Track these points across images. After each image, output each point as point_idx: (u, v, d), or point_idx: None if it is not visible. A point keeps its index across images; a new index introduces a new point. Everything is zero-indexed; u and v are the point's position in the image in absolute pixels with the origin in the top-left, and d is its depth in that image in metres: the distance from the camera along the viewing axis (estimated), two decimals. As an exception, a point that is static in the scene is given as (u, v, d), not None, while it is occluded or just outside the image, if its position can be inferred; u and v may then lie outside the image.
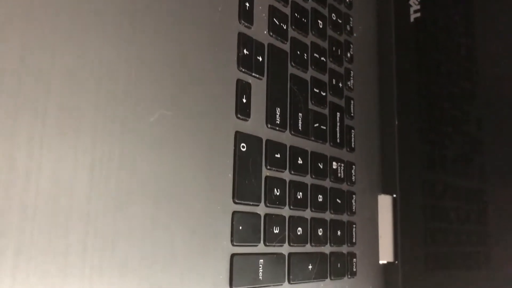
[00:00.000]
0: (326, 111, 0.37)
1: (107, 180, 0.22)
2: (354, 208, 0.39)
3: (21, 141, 0.19)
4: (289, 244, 0.31)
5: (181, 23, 0.26)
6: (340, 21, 0.41)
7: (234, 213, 0.28)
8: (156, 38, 0.25)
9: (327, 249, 0.35)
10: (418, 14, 0.46)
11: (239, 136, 0.29)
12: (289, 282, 0.31)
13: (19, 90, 0.19)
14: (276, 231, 0.30)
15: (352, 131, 0.40)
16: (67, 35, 0.21)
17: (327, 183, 0.36)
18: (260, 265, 0.29)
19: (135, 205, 0.23)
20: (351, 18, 0.42)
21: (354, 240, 0.38)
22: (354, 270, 0.38)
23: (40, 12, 0.20)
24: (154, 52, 0.25)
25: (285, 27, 0.34)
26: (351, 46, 0.42)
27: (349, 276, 0.37)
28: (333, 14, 0.40)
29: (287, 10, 0.34)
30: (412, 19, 0.46)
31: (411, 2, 0.46)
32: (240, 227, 0.28)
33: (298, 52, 0.35)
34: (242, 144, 0.29)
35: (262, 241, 0.29)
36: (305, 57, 0.35)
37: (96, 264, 0.21)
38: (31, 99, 0.19)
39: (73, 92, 0.21)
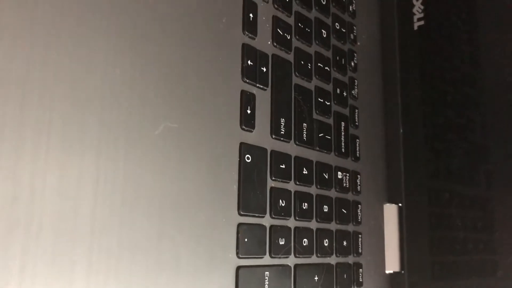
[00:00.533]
0: (330, 121, 0.37)
1: (112, 193, 0.22)
2: (359, 218, 0.39)
3: (26, 156, 0.19)
4: (294, 256, 0.31)
5: (185, 35, 0.26)
6: (344, 30, 0.41)
7: (239, 225, 0.27)
8: (160, 51, 0.25)
9: (333, 259, 0.35)
10: (422, 22, 0.46)
11: (244, 148, 0.29)
12: (295, 294, 0.31)
13: (23, 105, 0.19)
14: (281, 242, 0.30)
15: (357, 140, 0.40)
16: (71, 49, 0.21)
17: (332, 193, 0.36)
18: (266, 278, 0.28)
19: (140, 218, 0.23)
20: (354, 27, 0.42)
21: (360, 250, 0.38)
22: (361, 280, 0.38)
23: (44, 27, 0.20)
24: (158, 64, 0.25)
25: (289, 37, 0.34)
26: (355, 55, 0.42)
27: (355, 287, 0.37)
28: (336, 24, 0.40)
29: (290, 20, 0.34)
30: (415, 27, 0.46)
31: (414, 10, 0.46)
32: (246, 239, 0.28)
33: (302, 62, 0.35)
34: (247, 155, 0.29)
35: (267, 253, 0.29)
36: (309, 67, 0.35)
37: (102, 278, 0.21)
38: (36, 114, 0.19)
39: (78, 106, 0.21)
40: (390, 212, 0.43)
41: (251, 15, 0.31)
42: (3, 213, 0.18)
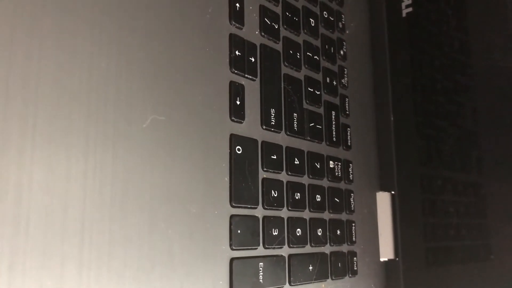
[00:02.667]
0: (321, 110, 0.37)
1: (102, 188, 0.21)
2: (352, 206, 0.39)
3: (11, 151, 0.19)
4: (288, 246, 0.31)
5: (171, 26, 0.26)
6: (332, 19, 0.40)
7: (232, 216, 0.27)
8: (147, 43, 0.24)
9: (327, 249, 0.35)
10: (410, 9, 0.45)
11: (234, 139, 0.28)
12: (290, 284, 0.31)
13: (7, 99, 0.19)
14: (275, 233, 0.30)
15: (348, 129, 0.40)
16: (55, 41, 0.20)
17: (324, 182, 0.36)
18: (260, 268, 0.28)
19: (131, 212, 0.22)
20: (342, 16, 0.42)
21: (354, 239, 0.38)
22: (355, 269, 0.38)
23: (27, 19, 0.20)
24: (145, 56, 0.24)
25: (276, 27, 0.33)
26: (344, 43, 0.42)
27: (350, 275, 0.37)
28: (324, 12, 0.39)
29: (278, 10, 0.34)
30: (404, 14, 0.46)
31: (402, -3, 0.46)
32: (239, 231, 0.27)
33: (291, 52, 0.34)
34: (238, 146, 0.28)
35: (261, 244, 0.29)
36: (298, 56, 0.35)
37: (93, 274, 0.20)
38: (20, 108, 0.19)
39: (63, 100, 0.20)
40: (383, 200, 0.43)
41: (237, 4, 0.30)
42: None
